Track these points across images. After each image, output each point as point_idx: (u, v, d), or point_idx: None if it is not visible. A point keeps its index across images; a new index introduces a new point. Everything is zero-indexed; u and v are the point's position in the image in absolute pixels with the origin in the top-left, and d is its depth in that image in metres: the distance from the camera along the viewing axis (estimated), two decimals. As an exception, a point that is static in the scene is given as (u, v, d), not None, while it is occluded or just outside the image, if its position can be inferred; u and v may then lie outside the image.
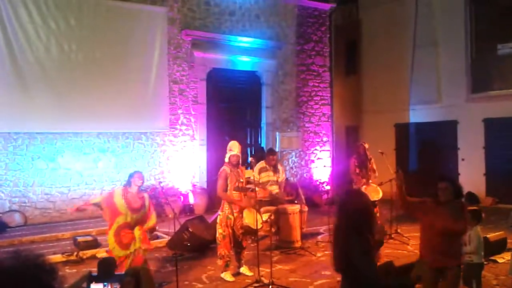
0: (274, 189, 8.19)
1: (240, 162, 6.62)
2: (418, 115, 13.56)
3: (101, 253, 7.37)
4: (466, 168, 12.45)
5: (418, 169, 13.01)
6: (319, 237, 8.80)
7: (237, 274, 6.46)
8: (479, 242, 5.09)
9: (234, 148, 6.51)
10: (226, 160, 6.47)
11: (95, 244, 7.45)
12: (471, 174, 12.18)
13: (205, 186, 11.06)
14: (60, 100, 9.40)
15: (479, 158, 12.16)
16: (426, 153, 13.24)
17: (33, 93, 9.20)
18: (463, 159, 12.58)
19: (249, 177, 7.06)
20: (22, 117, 9.11)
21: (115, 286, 1.16)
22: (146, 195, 5.62)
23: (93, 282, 1.18)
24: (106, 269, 1.17)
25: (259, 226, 6.94)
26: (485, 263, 6.27)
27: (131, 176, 5.50)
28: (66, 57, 9.56)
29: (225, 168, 6.43)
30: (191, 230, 7.88)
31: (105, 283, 1.15)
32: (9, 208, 8.99)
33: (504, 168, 11.30)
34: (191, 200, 10.76)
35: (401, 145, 13.87)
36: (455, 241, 4.16)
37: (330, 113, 13.75)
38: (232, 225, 6.35)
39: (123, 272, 1.16)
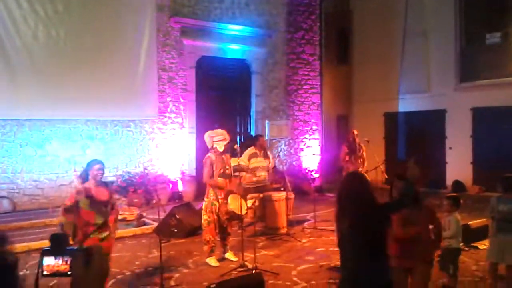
0: (263, 175, 8.25)
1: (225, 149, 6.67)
2: (407, 104, 13.64)
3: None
4: (453, 156, 12.58)
5: (406, 157, 13.10)
6: (306, 223, 8.90)
7: (222, 259, 6.55)
8: (458, 227, 5.18)
9: (222, 136, 6.54)
10: (213, 146, 6.49)
11: (82, 230, 7.48)
12: (458, 163, 12.32)
13: (194, 173, 11.11)
14: (48, 87, 9.38)
15: (467, 147, 12.29)
16: (414, 142, 13.34)
17: (21, 80, 9.17)
18: (450, 148, 12.70)
19: (238, 164, 7.12)
20: (10, 104, 9.09)
21: (65, 260, 1.20)
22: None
23: (46, 256, 1.22)
24: (58, 244, 1.22)
25: (244, 212, 7.03)
26: (465, 249, 6.43)
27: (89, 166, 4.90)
28: (54, 43, 9.52)
29: (210, 155, 6.48)
30: (178, 217, 7.93)
31: (56, 257, 1.20)
32: (-3, 194, 9.02)
33: (491, 157, 11.41)
34: (180, 187, 10.82)
35: (390, 134, 13.98)
36: (418, 241, 4.02)
37: (319, 101, 13.80)
38: (217, 211, 6.42)
39: (74, 248, 1.20)
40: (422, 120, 13.23)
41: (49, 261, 1.18)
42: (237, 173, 6.86)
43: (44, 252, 1.17)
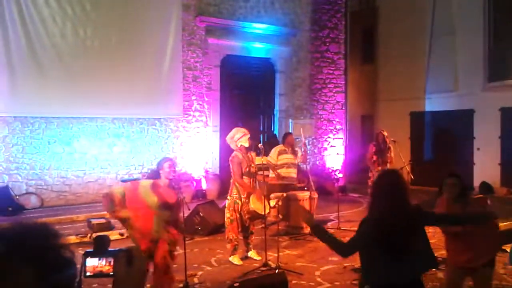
0: (292, 172, 8.26)
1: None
2: (434, 103, 13.41)
3: (114, 235, 7.54)
4: (481, 157, 12.32)
5: (433, 158, 12.91)
6: (329, 224, 8.84)
7: (245, 258, 6.57)
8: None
9: (241, 132, 6.55)
10: (238, 145, 6.50)
11: (108, 226, 7.62)
12: (486, 164, 12.05)
13: (217, 172, 11.17)
14: (75, 85, 9.55)
15: (495, 148, 12.01)
16: (441, 142, 13.11)
17: (49, 77, 9.36)
18: (478, 149, 12.43)
19: (263, 162, 7.13)
20: (39, 101, 9.30)
21: (109, 260, 1.24)
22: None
23: (89, 257, 1.26)
24: (101, 245, 1.26)
25: (266, 211, 7.02)
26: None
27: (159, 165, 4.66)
28: (81, 42, 9.69)
29: (237, 153, 6.49)
30: (201, 215, 8.02)
31: (99, 258, 1.23)
32: (25, 190, 9.23)
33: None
34: (204, 185, 10.89)
35: (416, 134, 13.76)
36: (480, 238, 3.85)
37: (344, 100, 13.68)
38: (239, 210, 6.44)
39: (116, 249, 1.24)
40: (449, 120, 12.99)
41: (92, 262, 1.21)
42: (260, 172, 6.87)
43: (87, 254, 1.22)
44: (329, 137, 13.34)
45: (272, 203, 7.10)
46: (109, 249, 1.28)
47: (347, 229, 8.31)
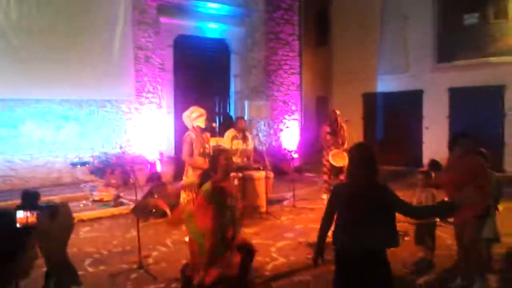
0: (240, 160, 8.25)
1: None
2: (385, 84, 13.71)
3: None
4: (430, 136, 12.74)
5: (385, 137, 13.25)
6: (285, 202, 8.93)
7: (201, 237, 6.50)
8: (434, 202, 5.25)
9: (199, 111, 6.45)
10: (194, 125, 6.39)
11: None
12: (435, 142, 12.46)
13: (172, 154, 10.99)
14: (20, 66, 9.07)
15: (443, 127, 12.44)
16: (392, 122, 13.47)
17: (-9, 58, 8.86)
18: (427, 128, 12.85)
19: (218, 143, 7.05)
20: (-20, 82, 8.79)
21: (33, 213, 1.20)
22: None
23: (18, 210, 1.22)
24: (29, 199, 1.22)
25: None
26: (441, 224, 6.53)
27: None
28: (26, 22, 9.18)
29: (190, 133, 6.39)
30: (156, 197, 7.88)
31: (26, 211, 1.20)
32: (-31, 176, 8.76)
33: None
34: (159, 168, 10.70)
35: (369, 114, 14.06)
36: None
37: (299, 82, 13.75)
38: (196, 190, 6.35)
39: (44, 203, 1.21)
40: (400, 101, 13.33)
41: (20, 215, 1.18)
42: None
43: (17, 207, 1.19)
44: (284, 118, 13.41)
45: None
46: (38, 203, 1.22)
47: (302, 207, 8.43)
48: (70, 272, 1.19)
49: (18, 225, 1.21)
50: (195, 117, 6.37)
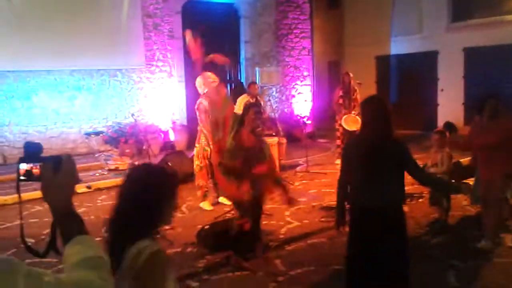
0: None
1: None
2: (399, 46, 13.42)
3: (81, 189, 7.42)
4: (445, 98, 12.54)
5: (399, 100, 13.06)
6: (298, 168, 8.93)
7: (215, 203, 6.59)
8: (451, 163, 5.21)
9: (211, 78, 6.40)
10: (205, 91, 6.36)
11: (74, 180, 7.46)
12: (450, 104, 12.29)
13: (185, 122, 11.01)
14: (30, 37, 9.06)
15: (458, 88, 12.22)
16: (406, 85, 13.26)
17: (2, 30, 8.84)
18: (442, 90, 12.63)
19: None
20: (-9, 55, 8.82)
21: (38, 165, 1.19)
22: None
23: (21, 162, 1.21)
24: (31, 150, 1.21)
25: (236, 157, 7.00)
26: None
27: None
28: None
29: (202, 101, 6.37)
30: (170, 164, 7.94)
31: (29, 163, 1.20)
32: (-14, 148, 8.92)
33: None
34: (172, 137, 10.75)
35: (382, 78, 13.84)
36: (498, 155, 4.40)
37: (310, 46, 13.53)
38: (208, 156, 6.37)
39: (48, 156, 1.22)
40: (414, 63, 13.08)
41: (24, 167, 1.18)
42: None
43: (20, 159, 1.19)
44: (296, 84, 13.27)
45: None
46: (40, 155, 1.22)
47: (315, 172, 8.44)
48: (76, 222, 1.20)
49: (21, 177, 1.21)
50: (207, 84, 6.32)
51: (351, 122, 8.66)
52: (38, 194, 1.20)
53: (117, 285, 1.58)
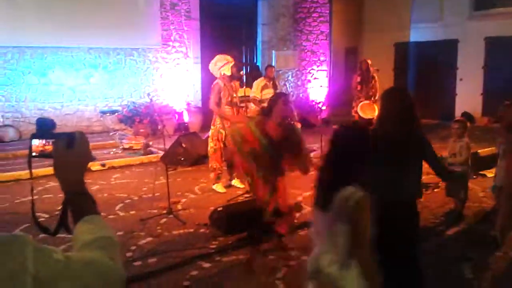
0: None
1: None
2: (418, 34, 13.18)
3: (95, 166, 7.47)
4: (463, 88, 12.33)
5: (416, 89, 12.86)
6: (312, 154, 8.85)
7: (228, 186, 6.58)
8: (469, 153, 5.12)
9: (225, 59, 6.36)
10: (222, 73, 6.31)
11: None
12: (468, 94, 12.08)
13: (199, 104, 10.99)
14: (47, 14, 9.07)
15: (478, 78, 11.99)
16: (424, 73, 13.04)
17: (20, 6, 8.85)
18: (461, 79, 12.41)
19: (249, 96, 6.96)
20: (11, 30, 8.84)
21: (51, 142, 1.17)
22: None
23: (34, 138, 1.19)
24: (45, 127, 1.19)
25: (251, 140, 6.97)
26: (473, 176, 6.41)
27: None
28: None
29: (219, 82, 6.33)
30: (184, 146, 7.95)
31: (42, 139, 1.17)
32: (2, 123, 8.98)
33: (502, 88, 11.15)
34: (186, 118, 10.74)
35: (400, 65, 13.62)
36: None
37: (328, 31, 13.34)
38: (223, 139, 6.35)
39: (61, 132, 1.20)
40: (433, 51, 12.84)
41: (36, 143, 1.15)
42: (243, 104, 6.75)
43: (33, 135, 1.16)
44: (312, 69, 13.13)
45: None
46: (53, 132, 1.19)
47: (330, 158, 8.37)
48: (88, 201, 1.17)
49: (33, 154, 1.18)
50: (221, 65, 6.28)
51: (368, 109, 8.57)
52: (52, 170, 1.17)
53: (329, 223, 2.21)
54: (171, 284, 3.81)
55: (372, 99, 8.78)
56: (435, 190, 6.28)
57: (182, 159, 7.87)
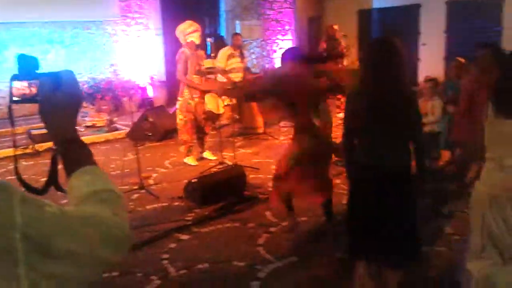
0: (239, 76, 8.00)
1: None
2: (381, 0, 13.15)
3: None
4: (426, 52, 12.43)
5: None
6: (282, 122, 8.78)
7: (200, 159, 6.43)
8: (441, 111, 5.15)
9: (194, 26, 6.12)
10: (188, 40, 6.07)
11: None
12: (431, 59, 12.20)
13: (164, 78, 10.66)
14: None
15: (440, 43, 12.11)
16: (388, 40, 13.08)
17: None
18: (424, 44, 12.51)
19: (213, 67, 6.77)
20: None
21: (34, 84, 0.98)
22: None
23: (14, 80, 1.00)
24: (26, 66, 1.00)
25: (221, 110, 6.83)
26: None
27: None
28: None
29: (184, 50, 6.09)
30: (151, 120, 7.70)
31: (24, 80, 0.99)
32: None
33: (464, 52, 11.29)
34: (150, 93, 10.41)
35: (364, 33, 13.58)
36: None
37: (292, -1, 13.12)
38: (193, 110, 6.17)
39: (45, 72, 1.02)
40: (396, 16, 12.85)
41: (17, 85, 0.97)
42: (211, 76, 6.57)
43: (13, 76, 0.97)
44: (277, 38, 12.93)
45: (226, 101, 6.89)
46: (38, 72, 1.01)
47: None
48: (83, 150, 1.00)
49: (14, 98, 1.01)
50: (190, 31, 6.04)
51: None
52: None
53: None
54: (149, 258, 3.67)
55: (340, 66, 8.71)
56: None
57: (150, 134, 7.62)
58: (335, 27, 8.68)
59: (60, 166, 1.02)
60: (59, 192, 1.05)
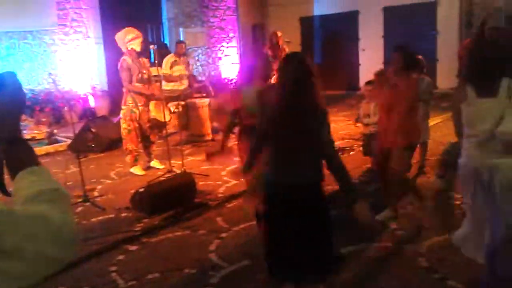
0: (184, 83, 7.99)
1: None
2: (322, 7, 13.49)
3: None
4: (366, 58, 12.85)
5: (323, 61, 13.23)
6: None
7: (147, 168, 6.30)
8: (381, 113, 5.30)
9: (134, 33, 5.99)
10: (128, 48, 5.93)
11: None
12: (371, 64, 12.57)
13: (106, 88, 10.37)
14: None
15: (379, 48, 12.56)
16: (330, 46, 13.42)
17: None
18: (363, 50, 12.94)
19: (158, 75, 6.67)
20: None
21: None
22: None
23: None
24: None
25: (167, 118, 6.73)
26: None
27: None
28: None
29: (125, 58, 5.95)
30: (94, 130, 7.45)
31: None
32: None
33: (401, 56, 11.79)
34: (92, 103, 10.09)
35: (306, 39, 13.89)
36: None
37: (235, 6, 13.19)
38: (137, 118, 6.04)
39: None
40: (336, 23, 13.23)
41: None
42: (157, 83, 6.47)
43: None
44: (222, 46, 12.95)
45: (172, 108, 6.79)
46: None
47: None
48: (27, 151, 0.98)
49: None
50: (130, 38, 5.91)
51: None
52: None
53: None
54: (97, 271, 3.53)
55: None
56: (351, 153, 6.51)
57: (93, 145, 7.38)
58: (279, 33, 8.79)
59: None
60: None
